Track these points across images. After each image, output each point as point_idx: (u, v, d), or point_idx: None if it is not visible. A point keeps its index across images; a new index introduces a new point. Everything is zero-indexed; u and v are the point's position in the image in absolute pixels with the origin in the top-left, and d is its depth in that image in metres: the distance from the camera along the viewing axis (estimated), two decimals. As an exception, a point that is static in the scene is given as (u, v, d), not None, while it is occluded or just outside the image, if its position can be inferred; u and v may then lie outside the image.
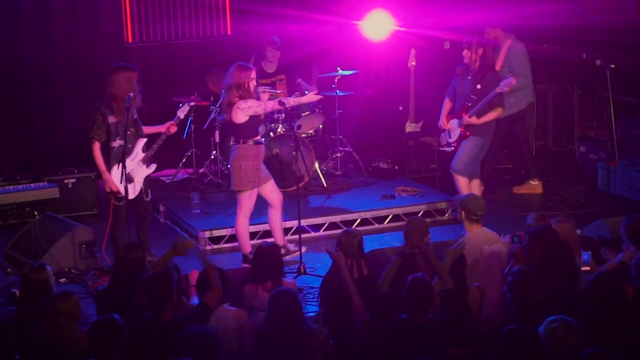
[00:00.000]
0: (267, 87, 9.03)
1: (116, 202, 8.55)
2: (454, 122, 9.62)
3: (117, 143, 8.48)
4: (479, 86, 9.38)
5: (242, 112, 8.42)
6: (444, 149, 9.84)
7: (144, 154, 8.64)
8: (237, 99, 8.42)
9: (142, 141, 8.66)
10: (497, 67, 10.42)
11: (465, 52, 9.40)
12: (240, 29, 11.96)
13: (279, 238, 8.86)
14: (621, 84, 10.51)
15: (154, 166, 8.80)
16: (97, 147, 8.47)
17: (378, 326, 5.96)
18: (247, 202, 8.65)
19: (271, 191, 8.73)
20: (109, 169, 8.50)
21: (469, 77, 9.47)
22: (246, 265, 8.43)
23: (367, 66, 12.28)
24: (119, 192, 8.46)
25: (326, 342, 5.82)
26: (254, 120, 8.55)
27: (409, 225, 7.06)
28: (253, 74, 8.52)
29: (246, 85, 8.43)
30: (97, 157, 8.49)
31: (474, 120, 9.39)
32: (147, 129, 8.80)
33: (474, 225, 7.42)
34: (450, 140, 9.69)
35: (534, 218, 7.46)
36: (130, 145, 8.48)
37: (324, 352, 5.79)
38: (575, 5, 11.27)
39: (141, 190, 8.70)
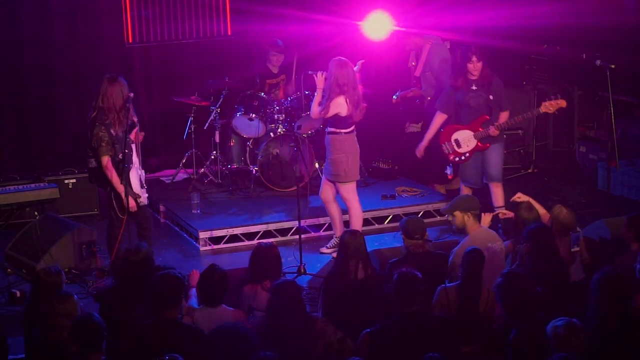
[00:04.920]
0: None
1: (120, 215, 8.15)
2: (465, 133, 9.29)
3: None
4: (491, 97, 9.19)
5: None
6: (454, 159, 9.44)
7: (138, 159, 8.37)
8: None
9: (134, 146, 8.28)
10: (418, 73, 10.56)
11: (474, 59, 9.08)
12: (240, 29, 11.95)
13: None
14: (621, 84, 10.51)
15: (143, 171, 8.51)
16: (110, 164, 8.01)
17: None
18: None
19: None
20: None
21: (475, 88, 9.19)
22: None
23: (367, 66, 12.25)
24: (137, 200, 8.12)
25: (326, 330, 5.88)
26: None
27: (408, 225, 7.07)
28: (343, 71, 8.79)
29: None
30: (113, 176, 8.01)
31: (497, 131, 9.18)
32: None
33: (475, 225, 7.42)
34: (462, 151, 9.35)
35: (524, 207, 7.43)
36: (131, 153, 8.18)
37: (324, 340, 5.82)
38: (575, 5, 11.27)
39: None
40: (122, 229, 8.14)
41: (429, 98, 10.61)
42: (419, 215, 9.65)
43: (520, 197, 7.78)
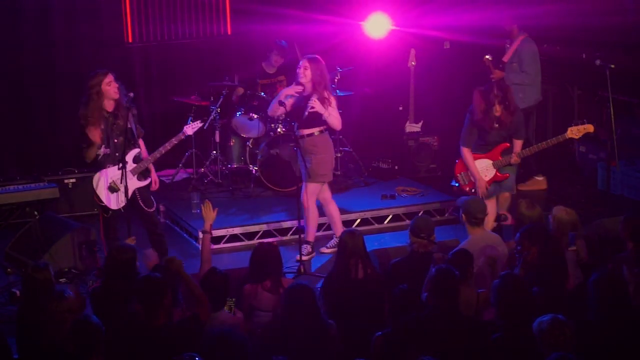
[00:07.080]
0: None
1: (105, 215, 8.36)
2: (484, 162, 8.89)
3: (102, 151, 8.28)
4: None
5: None
6: (470, 191, 8.87)
7: (134, 165, 8.38)
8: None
9: (134, 151, 8.39)
10: (506, 58, 10.54)
11: (497, 104, 8.64)
12: (240, 29, 11.96)
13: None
14: (621, 84, 10.52)
15: (148, 180, 8.53)
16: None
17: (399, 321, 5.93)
18: None
19: None
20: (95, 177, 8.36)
21: (497, 125, 8.73)
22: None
23: (367, 66, 12.28)
24: (101, 202, 8.33)
25: (336, 337, 5.90)
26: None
27: (417, 223, 7.08)
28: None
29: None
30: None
31: (518, 160, 8.88)
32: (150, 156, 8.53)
33: (476, 228, 7.41)
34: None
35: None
36: (117, 154, 8.24)
37: (334, 346, 5.83)
38: (575, 5, 11.26)
39: (137, 201, 8.44)
40: (101, 232, 8.41)
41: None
42: (419, 214, 9.66)
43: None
